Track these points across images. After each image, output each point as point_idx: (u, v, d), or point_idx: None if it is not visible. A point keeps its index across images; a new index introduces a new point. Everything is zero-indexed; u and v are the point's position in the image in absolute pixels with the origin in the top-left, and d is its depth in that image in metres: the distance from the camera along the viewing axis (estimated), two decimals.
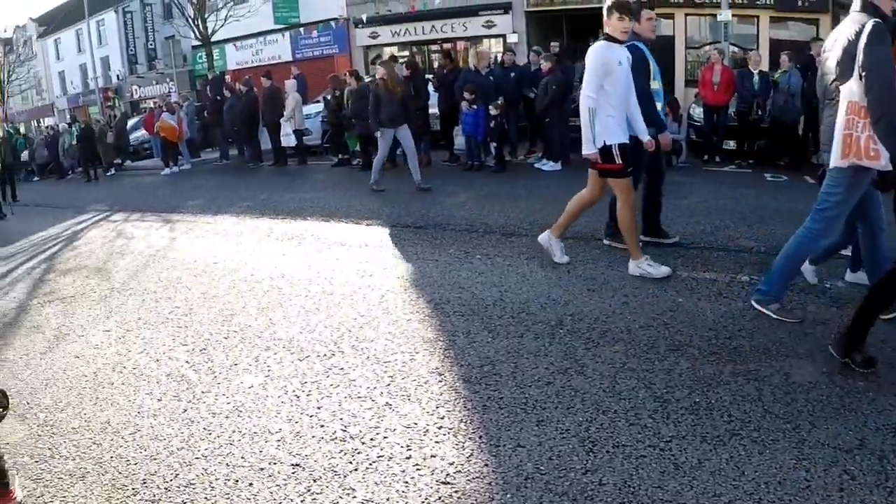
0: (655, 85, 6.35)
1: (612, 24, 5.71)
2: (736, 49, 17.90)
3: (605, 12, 5.75)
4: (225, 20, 26.59)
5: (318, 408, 4.17)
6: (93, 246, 10.60)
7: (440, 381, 4.29)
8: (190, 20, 26.66)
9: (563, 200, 9.10)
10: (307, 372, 4.72)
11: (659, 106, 6.42)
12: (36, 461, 4.15)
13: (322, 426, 3.94)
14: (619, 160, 5.72)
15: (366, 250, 7.78)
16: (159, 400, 4.67)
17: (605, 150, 5.71)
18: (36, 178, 26.30)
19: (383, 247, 7.87)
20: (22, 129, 42.62)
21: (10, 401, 4.97)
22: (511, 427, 3.67)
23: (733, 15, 17.58)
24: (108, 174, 22.59)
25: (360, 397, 4.23)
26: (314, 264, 7.46)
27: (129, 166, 23.87)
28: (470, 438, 3.63)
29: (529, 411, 3.80)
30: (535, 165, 12.51)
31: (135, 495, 3.59)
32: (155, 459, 3.89)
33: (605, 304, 5.28)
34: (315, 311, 5.96)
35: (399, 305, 5.80)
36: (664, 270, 5.79)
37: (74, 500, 3.65)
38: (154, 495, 3.56)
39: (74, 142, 23.55)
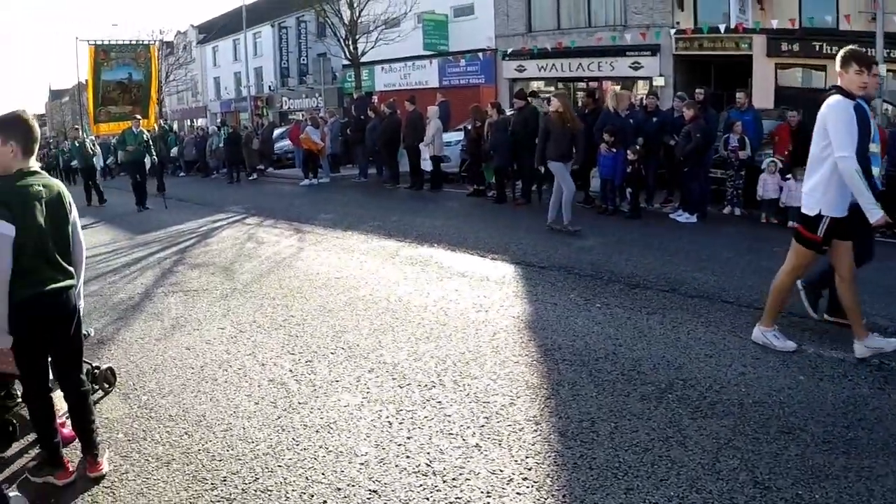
0: (874, 148, 5.67)
1: (850, 77, 5.09)
2: (890, 107, 16.74)
3: (839, 63, 5.16)
4: (375, 43, 27.22)
5: (408, 438, 4.11)
6: (223, 245, 11.01)
7: (535, 431, 4.15)
8: (341, 40, 27.41)
9: (696, 255, 8.87)
10: (404, 399, 4.68)
11: (876, 171, 5.72)
12: (129, 440, 4.36)
13: (408, 457, 3.88)
14: (821, 233, 5.17)
15: (486, 285, 7.68)
16: (256, 403, 4.77)
17: (815, 219, 5.18)
18: (182, 174, 27.78)
19: (504, 283, 7.73)
20: (175, 127, 44.86)
21: (118, 379, 5.29)
22: (598, 490, 3.49)
23: (888, 70, 16.56)
24: (250, 178, 23.52)
25: (451, 434, 4.14)
26: (433, 292, 7.44)
27: (270, 173, 24.81)
28: (553, 496, 3.47)
29: (620, 477, 3.60)
30: (671, 216, 11.98)
31: (212, 490, 3.68)
32: (240, 460, 3.97)
33: (721, 372, 4.97)
34: (425, 339, 5.93)
35: (509, 346, 5.68)
36: (789, 345, 5.38)
37: (155, 484, 3.79)
38: (230, 494, 3.63)
39: (221, 144, 24.80)
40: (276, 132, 27.71)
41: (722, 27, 20.96)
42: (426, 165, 17.07)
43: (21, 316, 3.59)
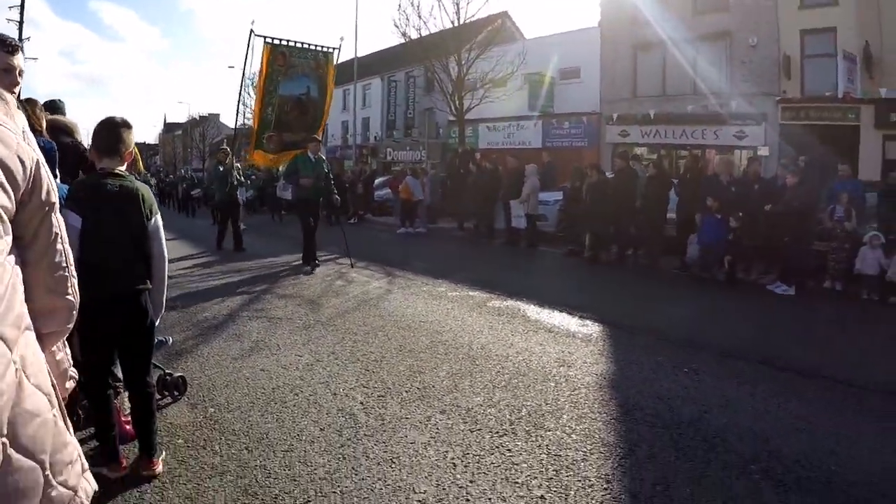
0: None
1: None
2: None
3: None
4: (481, 100, 27.56)
5: (471, 481, 3.96)
6: (313, 280, 11.16)
7: (605, 489, 3.91)
8: (448, 96, 27.87)
9: (792, 328, 8.48)
10: (473, 444, 4.53)
11: None
12: (188, 446, 4.42)
13: (468, 500, 3.72)
14: None
15: (571, 342, 7.45)
16: (322, 430, 4.72)
17: None
18: (284, 213, 28.24)
19: (590, 342, 7.48)
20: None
21: (188, 389, 5.37)
22: None
23: None
24: (350, 222, 23.85)
25: (516, 483, 3.96)
26: (516, 344, 7.27)
27: (369, 219, 25.09)
28: None
29: None
30: (768, 287, 11.35)
31: None
32: (295, 480, 3.93)
33: (810, 448, 4.58)
34: (502, 387, 5.76)
35: (588, 402, 5.44)
36: None
37: (205, 491, 3.81)
38: None
39: None
40: (378, 180, 28.20)
41: (829, 96, 20.39)
42: (519, 223, 17.02)
43: (86, 308, 3.62)
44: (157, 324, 4.11)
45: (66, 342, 1.99)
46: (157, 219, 3.95)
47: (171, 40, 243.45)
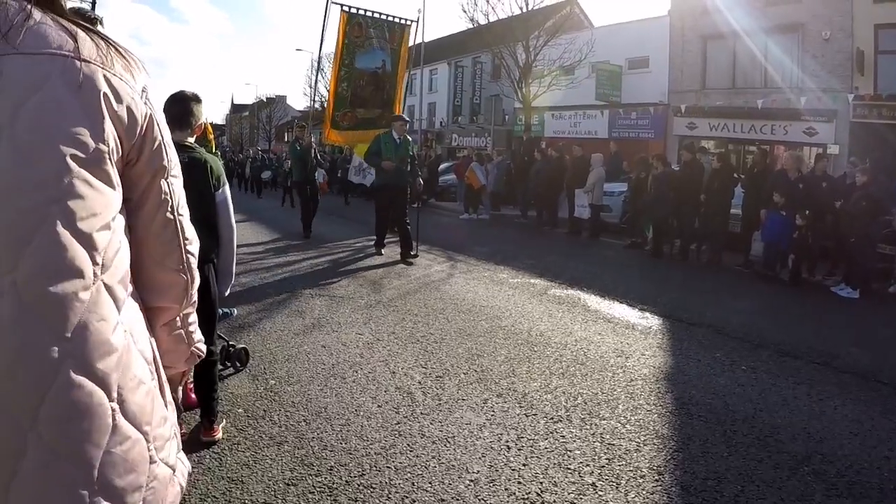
0: None
1: None
2: None
3: None
4: (548, 88, 27.39)
5: (524, 465, 4.04)
6: (375, 261, 11.34)
7: (656, 480, 3.96)
8: (515, 83, 27.78)
9: (854, 331, 8.33)
10: (528, 428, 4.61)
11: None
12: (248, 416, 4.59)
13: (520, 483, 3.81)
14: None
15: (630, 333, 7.47)
16: (379, 406, 4.86)
17: None
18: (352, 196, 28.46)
19: (649, 334, 7.49)
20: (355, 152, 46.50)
21: (251, 361, 5.59)
22: None
23: None
24: (413, 206, 23.90)
25: (568, 469, 4.03)
26: (576, 332, 7.32)
27: (432, 203, 25.18)
28: None
29: None
30: (832, 289, 11.12)
31: (317, 476, 3.78)
32: (351, 454, 4.06)
33: (865, 453, 4.55)
34: (559, 375, 5.83)
35: (644, 394, 5.49)
36: None
37: (263, 459, 3.96)
38: (333, 483, 3.71)
39: None
40: (442, 166, 28.27)
41: None
42: (582, 213, 16.91)
43: None
44: (226, 293, 4.29)
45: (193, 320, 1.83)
46: (226, 189, 4.12)
47: (237, 23, 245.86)
